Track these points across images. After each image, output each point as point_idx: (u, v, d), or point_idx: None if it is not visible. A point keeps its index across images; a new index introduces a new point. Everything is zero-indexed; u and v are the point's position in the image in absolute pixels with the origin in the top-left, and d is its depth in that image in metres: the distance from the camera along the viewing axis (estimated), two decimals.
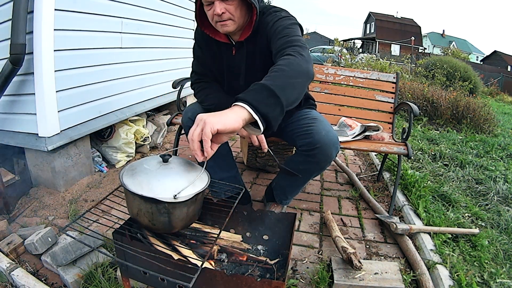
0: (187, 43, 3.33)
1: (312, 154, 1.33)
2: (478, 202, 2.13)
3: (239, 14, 1.17)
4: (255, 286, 0.86)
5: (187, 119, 1.45)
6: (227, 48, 1.34)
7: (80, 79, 1.92)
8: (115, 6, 2.13)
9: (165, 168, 0.94)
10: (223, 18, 1.14)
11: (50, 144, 1.71)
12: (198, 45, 1.43)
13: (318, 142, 1.30)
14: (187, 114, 1.46)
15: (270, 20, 1.22)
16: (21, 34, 1.52)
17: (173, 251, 0.98)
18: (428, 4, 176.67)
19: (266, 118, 0.84)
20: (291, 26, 1.19)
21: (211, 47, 1.37)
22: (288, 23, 1.19)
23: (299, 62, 1.00)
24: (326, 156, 1.33)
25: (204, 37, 1.36)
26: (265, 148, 1.15)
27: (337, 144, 1.33)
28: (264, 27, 1.23)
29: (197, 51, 1.46)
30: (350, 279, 1.24)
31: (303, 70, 0.99)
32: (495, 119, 4.64)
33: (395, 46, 29.80)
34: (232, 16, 1.15)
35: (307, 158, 1.37)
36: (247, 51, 1.31)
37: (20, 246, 1.36)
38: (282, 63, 0.98)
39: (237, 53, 1.33)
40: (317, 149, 1.31)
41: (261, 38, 1.26)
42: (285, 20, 1.21)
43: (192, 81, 1.52)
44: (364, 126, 1.91)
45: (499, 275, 1.38)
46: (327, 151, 1.31)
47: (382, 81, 2.22)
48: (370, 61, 10.31)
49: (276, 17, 1.22)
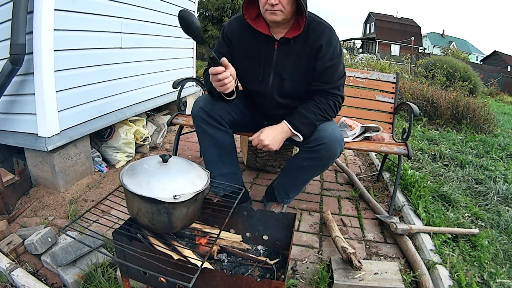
0: (187, 43, 3.33)
1: (317, 150, 1.37)
2: (478, 202, 2.13)
3: (289, 9, 1.26)
4: (255, 286, 0.86)
5: (198, 109, 1.45)
6: (268, 40, 1.39)
7: (80, 79, 1.92)
8: (115, 6, 2.13)
9: (165, 168, 0.94)
10: (274, 8, 1.23)
11: (50, 144, 1.71)
12: (229, 38, 1.45)
13: (324, 138, 1.34)
14: (198, 104, 1.46)
15: (332, 42, 1.35)
16: (21, 34, 1.52)
17: (173, 251, 0.98)
18: (428, 4, 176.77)
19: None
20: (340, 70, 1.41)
21: (247, 39, 1.41)
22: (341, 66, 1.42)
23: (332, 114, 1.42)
24: (331, 152, 1.37)
25: (243, 28, 1.40)
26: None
27: (341, 141, 1.38)
28: (319, 36, 1.34)
29: (221, 47, 1.47)
30: (350, 279, 1.24)
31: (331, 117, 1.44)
32: (495, 119, 4.65)
33: (395, 46, 29.82)
34: (283, 8, 1.23)
35: (311, 154, 1.40)
36: (294, 49, 1.38)
37: (20, 246, 1.36)
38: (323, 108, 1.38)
39: (280, 48, 1.39)
40: (322, 145, 1.35)
41: (313, 43, 1.35)
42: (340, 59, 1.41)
43: (204, 75, 1.53)
44: (364, 127, 1.91)
45: (499, 275, 1.38)
46: (332, 147, 1.35)
47: (382, 81, 2.22)
48: (370, 61, 10.32)
49: (338, 48, 1.38)
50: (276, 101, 1.47)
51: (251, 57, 1.43)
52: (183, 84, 2.03)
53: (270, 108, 1.51)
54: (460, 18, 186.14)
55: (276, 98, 1.46)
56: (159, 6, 2.68)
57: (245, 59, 1.44)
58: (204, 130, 1.47)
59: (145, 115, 2.74)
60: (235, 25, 1.43)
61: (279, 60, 1.40)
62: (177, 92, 2.02)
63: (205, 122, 1.45)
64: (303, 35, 1.34)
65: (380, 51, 28.42)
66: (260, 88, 1.46)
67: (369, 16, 34.36)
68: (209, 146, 1.51)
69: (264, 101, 1.50)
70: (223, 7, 15.41)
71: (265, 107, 1.52)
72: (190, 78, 2.13)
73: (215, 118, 1.45)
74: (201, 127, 1.47)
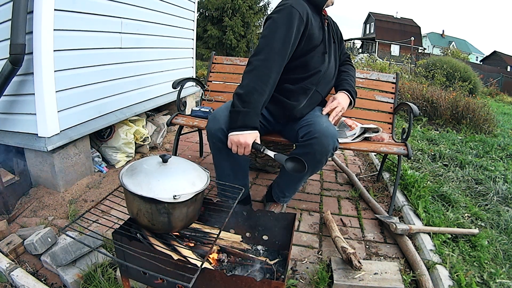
0: (187, 43, 3.33)
1: (309, 144, 1.36)
2: (478, 202, 2.13)
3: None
4: (254, 286, 0.86)
5: (218, 129, 1.35)
6: (322, 19, 1.52)
7: (80, 79, 1.92)
8: (115, 6, 2.13)
9: (164, 168, 0.94)
10: None
11: (49, 144, 1.71)
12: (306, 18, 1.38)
13: (317, 132, 1.34)
14: (218, 123, 1.35)
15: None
16: (20, 34, 1.52)
17: (172, 251, 0.98)
18: (428, 4, 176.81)
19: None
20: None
21: (314, 18, 1.46)
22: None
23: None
24: (323, 147, 1.34)
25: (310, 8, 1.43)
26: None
27: (335, 138, 1.36)
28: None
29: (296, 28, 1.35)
30: (350, 279, 1.24)
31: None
32: (495, 119, 4.64)
33: (395, 46, 29.81)
34: None
35: (305, 149, 1.38)
36: (332, 25, 1.63)
37: (19, 246, 1.36)
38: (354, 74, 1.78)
39: (327, 26, 1.56)
40: (315, 139, 1.34)
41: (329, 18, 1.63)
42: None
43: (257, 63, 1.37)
44: (364, 128, 1.91)
45: (499, 275, 1.38)
46: (324, 141, 1.33)
47: (382, 81, 2.22)
48: (370, 62, 10.32)
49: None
50: (328, 76, 1.58)
51: (316, 35, 1.47)
52: (183, 84, 2.03)
53: (320, 83, 1.55)
54: (460, 18, 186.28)
55: (328, 73, 1.57)
56: (159, 6, 2.68)
57: (312, 38, 1.45)
58: (220, 148, 1.40)
59: (145, 115, 2.74)
60: (304, 7, 1.38)
61: (329, 36, 1.56)
62: (177, 92, 2.02)
63: (223, 142, 1.35)
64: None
65: (380, 51, 28.43)
66: (316, 63, 1.51)
67: (369, 16, 34.36)
68: (223, 160, 1.46)
69: (318, 77, 1.53)
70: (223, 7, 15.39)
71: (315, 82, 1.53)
72: (190, 78, 2.14)
73: None
74: (217, 145, 1.40)
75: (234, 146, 1.28)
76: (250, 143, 1.25)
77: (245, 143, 1.25)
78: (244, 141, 1.25)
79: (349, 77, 1.69)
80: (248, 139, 1.25)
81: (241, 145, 1.26)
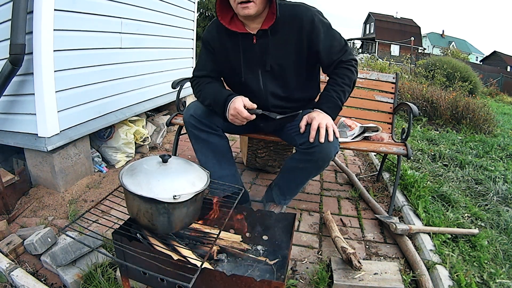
0: (187, 43, 3.33)
1: (311, 152, 1.34)
2: (478, 202, 2.13)
3: (260, 0, 1.24)
4: (254, 286, 0.86)
5: (189, 116, 1.47)
6: (245, 38, 1.37)
7: (80, 79, 1.92)
8: (114, 6, 2.13)
9: (164, 168, 0.94)
10: (246, 1, 1.21)
11: (49, 144, 1.71)
12: (210, 44, 1.45)
13: (318, 140, 1.30)
14: (189, 111, 1.48)
15: (315, 18, 1.33)
16: (20, 34, 1.52)
17: (172, 252, 0.98)
18: (428, 4, 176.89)
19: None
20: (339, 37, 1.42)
21: (226, 42, 1.40)
22: (337, 33, 1.42)
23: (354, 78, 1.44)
24: (325, 155, 1.33)
25: (221, 32, 1.39)
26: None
27: (336, 143, 1.34)
28: (300, 18, 1.33)
29: (203, 54, 1.50)
30: (350, 279, 1.24)
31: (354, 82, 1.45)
32: (495, 119, 4.65)
33: (395, 47, 29.83)
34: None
35: (306, 156, 1.37)
36: (276, 38, 1.35)
37: (19, 247, 1.36)
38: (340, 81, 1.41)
39: (259, 41, 1.36)
40: (316, 148, 1.31)
41: (297, 26, 1.33)
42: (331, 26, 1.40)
43: (192, 85, 1.56)
44: (364, 127, 1.91)
45: (499, 275, 1.38)
46: (327, 150, 1.31)
47: (382, 81, 2.22)
48: (370, 62, 10.32)
49: (323, 19, 1.37)
50: (271, 93, 1.45)
51: (231, 58, 1.42)
52: (182, 84, 2.03)
53: (266, 102, 1.47)
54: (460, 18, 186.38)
55: (269, 90, 1.44)
56: (159, 6, 2.68)
57: (227, 62, 1.44)
58: (196, 136, 1.48)
59: (144, 115, 2.74)
60: (213, 31, 1.43)
61: (262, 53, 1.38)
62: (176, 92, 2.02)
63: (196, 128, 1.46)
64: (283, 21, 1.31)
65: (380, 51, 28.44)
66: (252, 84, 1.44)
67: (369, 16, 34.38)
68: (204, 150, 1.51)
69: (259, 97, 1.45)
70: None
71: (262, 103, 1.47)
72: (190, 78, 2.13)
73: (206, 124, 1.45)
74: (193, 133, 1.48)
75: (234, 118, 1.35)
76: (239, 106, 1.31)
77: (234, 109, 1.32)
78: (233, 108, 1.32)
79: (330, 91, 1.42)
80: (236, 104, 1.32)
81: (236, 114, 1.32)
